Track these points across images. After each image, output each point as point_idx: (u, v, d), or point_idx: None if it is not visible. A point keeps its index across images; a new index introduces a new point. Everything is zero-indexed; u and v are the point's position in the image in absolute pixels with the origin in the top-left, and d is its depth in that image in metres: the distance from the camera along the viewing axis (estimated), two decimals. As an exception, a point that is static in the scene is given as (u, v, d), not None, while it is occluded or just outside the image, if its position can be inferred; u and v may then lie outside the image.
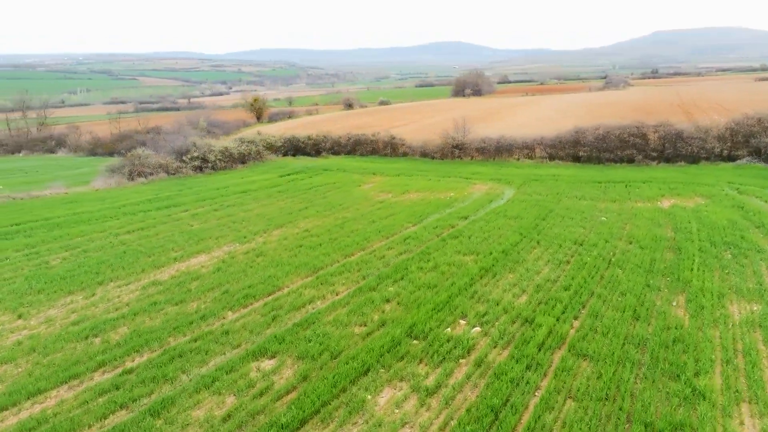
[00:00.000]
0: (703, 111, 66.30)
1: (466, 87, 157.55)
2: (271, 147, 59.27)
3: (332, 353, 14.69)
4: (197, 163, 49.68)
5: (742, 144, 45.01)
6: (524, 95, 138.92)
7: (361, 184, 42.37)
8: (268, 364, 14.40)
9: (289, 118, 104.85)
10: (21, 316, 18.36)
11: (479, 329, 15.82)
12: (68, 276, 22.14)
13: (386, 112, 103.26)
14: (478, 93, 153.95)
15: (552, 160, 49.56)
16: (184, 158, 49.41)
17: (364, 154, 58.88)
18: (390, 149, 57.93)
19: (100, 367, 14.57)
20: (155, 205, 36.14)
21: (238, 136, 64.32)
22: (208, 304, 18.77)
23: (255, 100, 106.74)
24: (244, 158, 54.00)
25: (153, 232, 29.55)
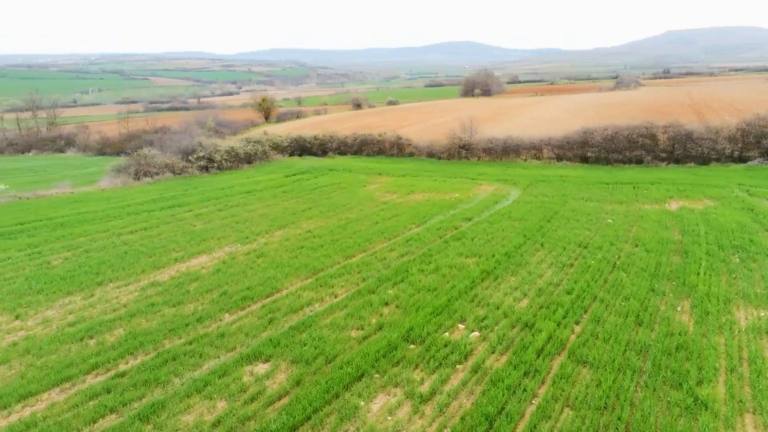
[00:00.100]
0: (715, 111, 65.40)
1: (476, 87, 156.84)
2: (277, 147, 59.21)
3: (327, 357, 14.46)
4: (203, 162, 49.69)
5: (753, 145, 44.29)
6: (534, 95, 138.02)
7: (367, 184, 42.14)
8: (261, 369, 14.19)
9: (297, 117, 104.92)
10: (18, 317, 18.30)
11: (478, 334, 15.52)
12: (68, 276, 22.08)
13: (394, 112, 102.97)
14: (487, 93, 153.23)
15: (560, 160, 49.08)
16: (190, 158, 49.44)
17: (370, 155, 58.68)
18: (396, 149, 57.67)
19: (93, 369, 14.43)
20: (159, 205, 36.12)
21: (244, 136, 64.32)
22: (205, 306, 18.61)
23: (263, 100, 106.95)
24: (250, 158, 53.96)
25: (156, 232, 29.49)
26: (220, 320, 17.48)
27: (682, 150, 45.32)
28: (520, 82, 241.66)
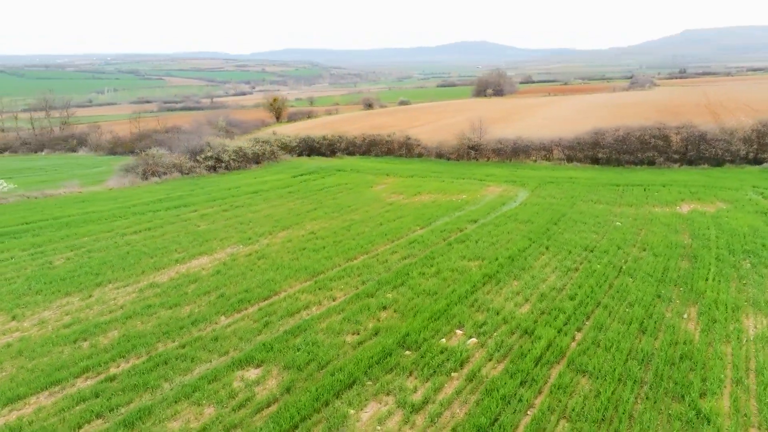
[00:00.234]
0: (730, 112, 64.21)
1: (488, 87, 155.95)
2: (285, 147, 59.10)
3: (320, 363, 14.15)
4: (211, 162, 49.69)
5: (769, 146, 43.30)
6: (546, 95, 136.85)
7: (374, 185, 41.83)
8: (252, 374, 13.92)
9: (308, 117, 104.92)
10: (15, 318, 18.23)
11: (475, 340, 15.13)
12: (68, 277, 22.02)
13: (405, 112, 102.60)
14: (499, 93, 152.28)
15: (570, 161, 48.39)
16: (198, 158, 49.47)
17: (379, 155, 58.36)
18: (405, 150, 57.30)
19: (84, 373, 14.26)
20: (165, 205, 36.10)
21: (253, 136, 64.29)
22: (202, 308, 18.40)
23: (274, 100, 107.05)
24: (258, 158, 53.89)
25: (159, 232, 29.42)
26: (216, 323, 17.26)
27: (696, 151, 44.44)
28: (533, 82, 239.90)
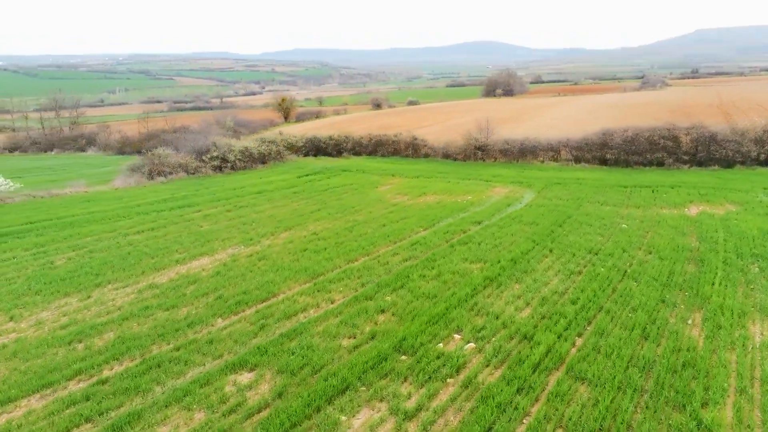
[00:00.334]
0: (743, 112, 63.30)
1: (497, 87, 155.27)
2: (292, 147, 59.02)
3: (314, 368, 13.93)
4: (217, 162, 49.69)
5: (781, 147, 42.57)
6: (556, 95, 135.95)
7: (379, 185, 41.60)
8: (245, 378, 13.73)
9: (317, 117, 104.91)
10: (13, 318, 18.17)
11: (473, 345, 14.84)
12: (68, 277, 21.97)
13: (413, 113, 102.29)
14: (509, 93, 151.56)
15: (578, 162, 47.88)
16: (204, 158, 49.48)
17: (385, 155, 58.12)
18: (412, 150, 57.01)
19: (76, 375, 14.13)
20: (169, 205, 36.08)
21: (259, 136, 64.27)
22: (199, 310, 18.24)
23: (283, 100, 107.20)
24: (264, 158, 53.83)
25: (162, 232, 29.35)
26: (212, 325, 17.09)
27: (706, 152, 43.79)
28: (543, 82, 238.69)
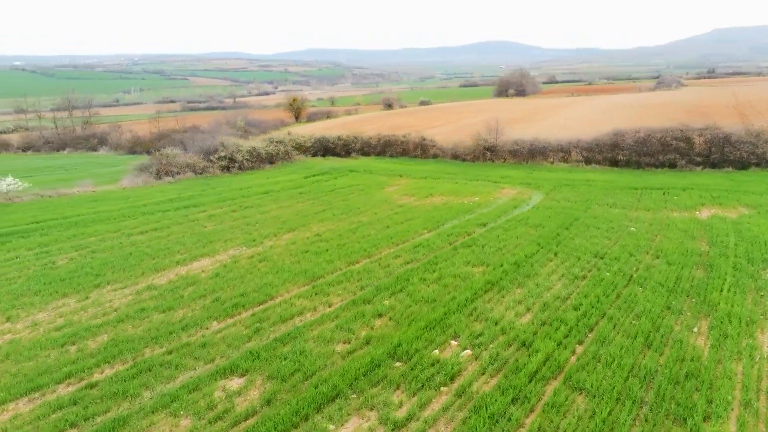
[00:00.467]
0: (760, 113, 62.09)
1: (510, 87, 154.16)
2: (300, 147, 58.89)
3: (305, 374, 13.64)
4: (224, 162, 49.68)
5: (798, 149, 41.60)
6: (569, 96, 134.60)
7: (385, 186, 41.28)
8: (235, 384, 13.47)
9: (327, 117, 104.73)
10: (9, 319, 18.10)
11: (470, 352, 14.46)
12: (68, 278, 21.90)
13: (425, 113, 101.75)
14: (521, 93, 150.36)
15: (588, 163, 47.20)
16: (212, 158, 49.49)
17: (394, 156, 57.79)
18: (420, 151, 56.63)
19: (66, 378, 13.96)
20: (175, 205, 36.04)
21: (268, 136, 64.22)
22: (195, 313, 18.04)
23: (294, 100, 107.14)
24: (272, 158, 53.73)
25: (166, 233, 29.27)
26: (207, 328, 16.87)
27: (719, 154, 42.92)
28: (556, 82, 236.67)
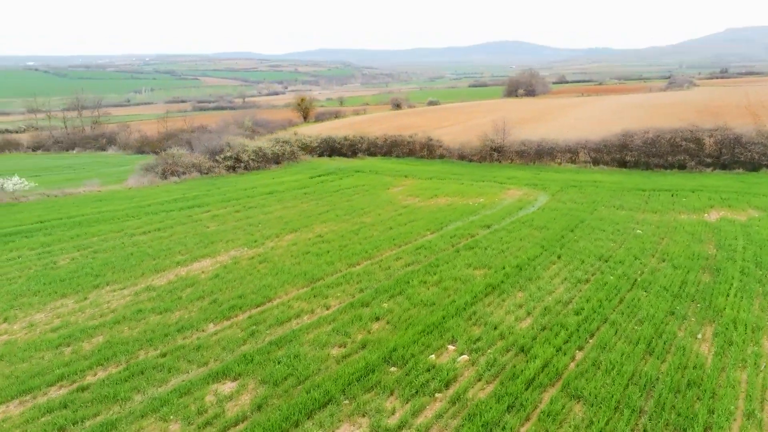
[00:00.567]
0: (772, 113, 61.18)
1: (519, 87, 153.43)
2: (306, 147, 58.78)
3: (298, 378, 13.43)
4: (230, 162, 49.64)
5: (810, 150, 40.85)
6: (579, 96, 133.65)
7: (390, 187, 41.04)
8: (228, 388, 13.29)
9: (336, 117, 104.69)
10: (7, 320, 18.05)
11: (467, 357, 14.18)
12: (68, 278, 21.86)
13: (433, 113, 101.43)
14: (531, 93, 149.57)
15: (596, 164, 46.67)
16: (218, 158, 49.49)
17: (400, 156, 57.53)
18: (427, 151, 56.31)
19: (59, 381, 13.85)
20: (179, 205, 36.01)
21: (274, 136, 64.20)
22: (192, 315, 17.90)
23: (302, 100, 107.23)
24: (278, 158, 53.66)
25: (168, 233, 29.21)
26: (203, 331, 16.72)
27: (730, 155, 42.25)
28: (567, 82, 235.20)
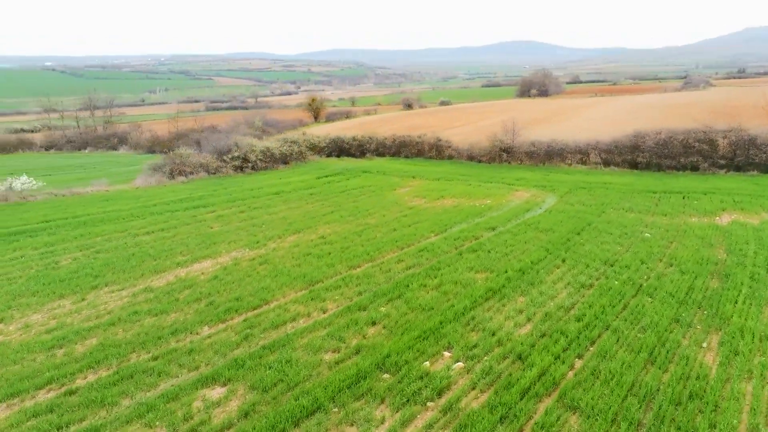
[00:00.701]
0: (789, 114, 59.81)
1: (532, 87, 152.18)
2: (314, 148, 58.62)
3: (288, 384, 13.15)
4: (238, 162, 49.61)
5: (828, 152, 39.87)
6: (593, 96, 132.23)
7: (397, 187, 40.70)
8: (216, 393, 13.04)
9: (347, 117, 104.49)
10: (2, 321, 17.96)
11: (462, 365, 13.81)
12: (67, 278, 21.79)
13: (445, 113, 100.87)
14: (544, 93, 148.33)
15: (606, 165, 45.97)
16: (225, 158, 49.48)
17: (409, 156, 57.16)
18: (435, 152, 55.89)
19: (48, 384, 13.70)
20: (184, 205, 35.97)
21: (283, 136, 64.13)
22: (188, 317, 17.70)
23: (313, 100, 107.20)
24: (286, 158, 53.55)
25: (171, 233, 29.12)
26: (197, 334, 16.51)
27: (744, 157, 41.36)
28: (581, 82, 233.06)
